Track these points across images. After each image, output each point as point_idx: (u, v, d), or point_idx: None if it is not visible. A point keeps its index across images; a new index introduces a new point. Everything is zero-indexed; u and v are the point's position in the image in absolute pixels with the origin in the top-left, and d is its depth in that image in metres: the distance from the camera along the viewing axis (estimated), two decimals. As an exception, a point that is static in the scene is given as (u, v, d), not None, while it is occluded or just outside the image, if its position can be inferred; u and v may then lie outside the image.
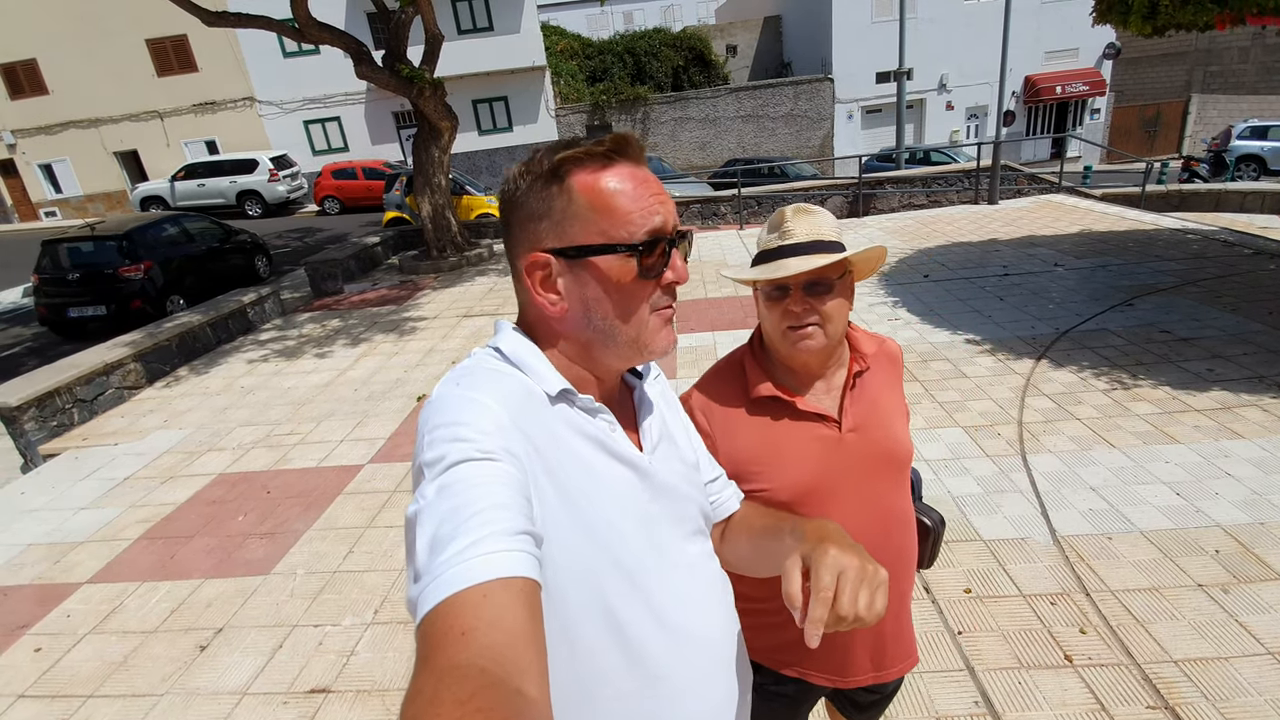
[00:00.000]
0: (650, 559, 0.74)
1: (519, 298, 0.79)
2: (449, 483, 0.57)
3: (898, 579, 1.18)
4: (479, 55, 18.92)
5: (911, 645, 1.26)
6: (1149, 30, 4.95)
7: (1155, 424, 3.60)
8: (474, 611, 0.50)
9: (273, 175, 17.97)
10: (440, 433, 0.62)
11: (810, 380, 1.15)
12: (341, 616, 2.76)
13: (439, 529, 0.55)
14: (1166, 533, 2.75)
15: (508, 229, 0.76)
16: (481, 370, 0.72)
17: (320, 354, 6.28)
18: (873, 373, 1.18)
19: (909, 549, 1.22)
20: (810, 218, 1.10)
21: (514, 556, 0.54)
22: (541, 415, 0.70)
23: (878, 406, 1.16)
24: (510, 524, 0.56)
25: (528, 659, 0.50)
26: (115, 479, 4.19)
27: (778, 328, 1.11)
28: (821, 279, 1.07)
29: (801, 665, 1.20)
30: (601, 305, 0.73)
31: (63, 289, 8.16)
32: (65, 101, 19.71)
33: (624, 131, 0.75)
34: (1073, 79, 20.31)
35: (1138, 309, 5.31)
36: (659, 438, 0.83)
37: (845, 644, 1.17)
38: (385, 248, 10.71)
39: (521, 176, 0.73)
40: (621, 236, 0.71)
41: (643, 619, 0.71)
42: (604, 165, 0.72)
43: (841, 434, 1.12)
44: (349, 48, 8.27)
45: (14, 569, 3.35)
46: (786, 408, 1.13)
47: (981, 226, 8.88)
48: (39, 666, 2.64)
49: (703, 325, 5.93)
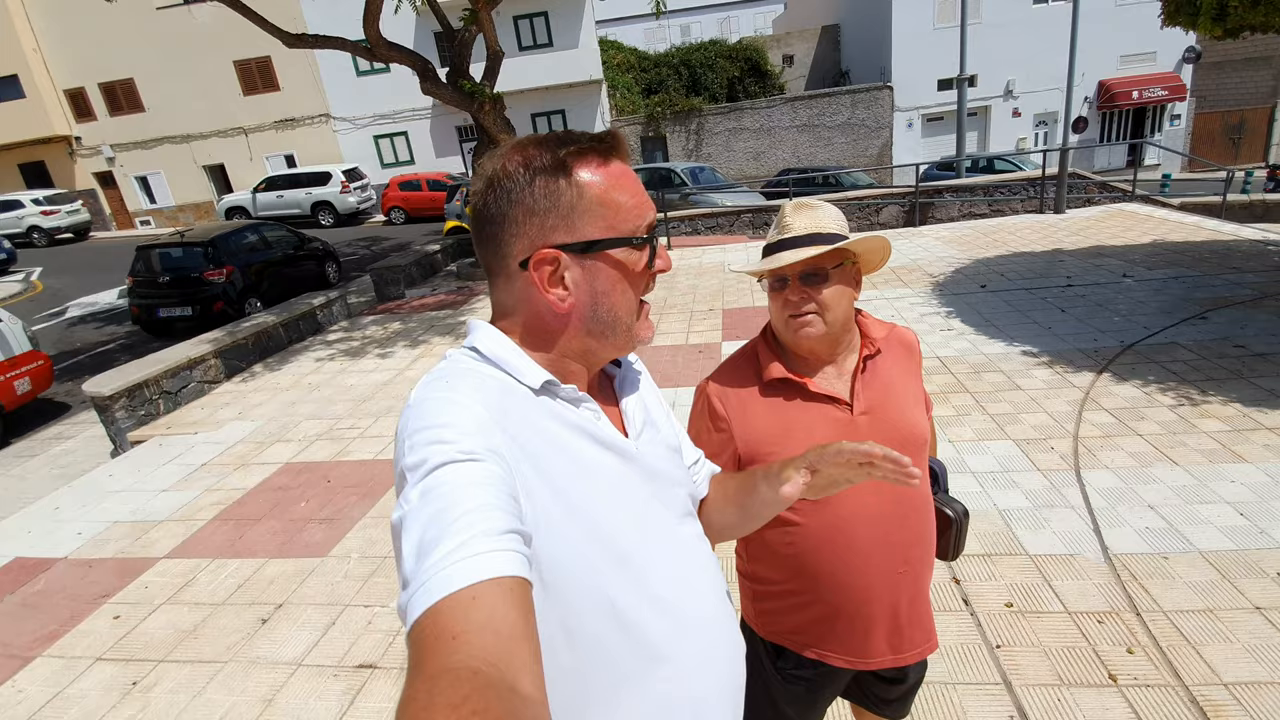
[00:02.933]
0: (643, 544, 0.74)
1: (504, 297, 0.77)
2: (432, 486, 0.57)
3: (914, 562, 1.20)
4: (538, 70, 19.46)
5: (930, 629, 1.26)
6: (1219, 32, 4.71)
7: (1223, 442, 3.41)
8: (464, 614, 0.49)
9: (344, 187, 18.93)
10: (421, 436, 0.61)
11: (819, 365, 1.20)
12: (390, 599, 2.91)
13: (425, 533, 0.54)
14: (1227, 554, 2.61)
15: (497, 225, 0.73)
16: (459, 371, 0.71)
17: (382, 354, 6.59)
18: (885, 358, 1.21)
19: (926, 534, 1.23)
20: (810, 212, 1.16)
21: (502, 556, 0.53)
22: (524, 410, 0.70)
23: (891, 391, 1.19)
24: (497, 524, 0.55)
25: (521, 658, 0.49)
26: (193, 465, 4.53)
27: (780, 316, 1.18)
28: (816, 269, 1.12)
29: (820, 647, 1.22)
30: (608, 298, 0.74)
31: (154, 291, 8.83)
32: (160, 118, 21.34)
33: (615, 129, 0.77)
34: (1150, 84, 19.26)
35: (1211, 322, 5.02)
36: (643, 423, 0.83)
37: (864, 625, 1.19)
38: (445, 255, 11.13)
39: (520, 171, 0.72)
40: (627, 230, 0.74)
41: (641, 604, 0.71)
42: (604, 161, 0.73)
43: (854, 416, 1.16)
44: (416, 65, 8.68)
45: (99, 544, 3.67)
46: (798, 389, 1.17)
47: (1046, 236, 8.55)
48: (116, 633, 2.89)
49: (749, 333, 5.93)
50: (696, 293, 7.51)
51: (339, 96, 20.66)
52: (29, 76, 20.76)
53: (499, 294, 0.77)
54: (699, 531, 0.86)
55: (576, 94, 20.17)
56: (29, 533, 3.88)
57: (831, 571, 1.17)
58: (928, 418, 1.31)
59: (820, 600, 1.19)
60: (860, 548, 1.15)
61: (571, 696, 0.68)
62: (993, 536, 2.89)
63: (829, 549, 1.16)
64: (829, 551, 1.16)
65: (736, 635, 0.86)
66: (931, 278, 7.15)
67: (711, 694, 0.78)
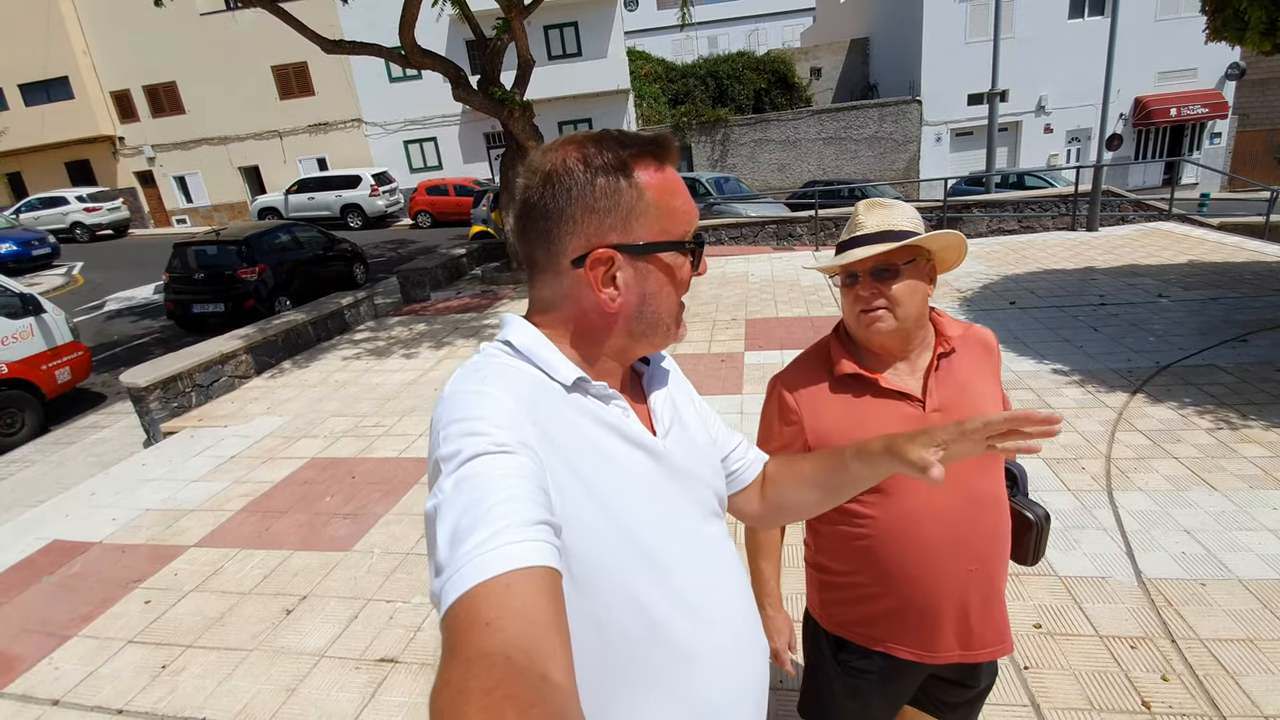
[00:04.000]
0: (669, 542, 0.74)
1: (548, 293, 0.77)
2: (466, 476, 0.58)
3: (987, 560, 1.18)
4: (567, 79, 19.68)
5: (1004, 630, 1.23)
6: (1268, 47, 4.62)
7: (1264, 468, 3.31)
8: (497, 601, 0.50)
9: (373, 190, 19.29)
10: (455, 428, 0.62)
11: (891, 361, 1.20)
12: (411, 595, 2.93)
13: (459, 522, 0.55)
14: (1268, 582, 2.52)
15: (552, 220, 0.72)
16: (493, 365, 0.72)
17: (407, 354, 6.68)
18: (960, 356, 1.21)
19: (1000, 534, 1.21)
20: (883, 211, 1.17)
21: (534, 546, 0.54)
22: (555, 405, 0.70)
23: (967, 390, 1.18)
24: (529, 514, 0.56)
25: (552, 646, 0.50)
26: (223, 457, 4.62)
27: (852, 311, 1.18)
28: (887, 265, 1.13)
29: (887, 640, 1.21)
30: (655, 299, 0.75)
31: (189, 287, 9.06)
32: (199, 120, 21.96)
33: (667, 134, 0.78)
34: (1190, 101, 18.88)
35: (1253, 345, 4.89)
36: (671, 421, 0.83)
37: (932, 620, 1.18)
38: (470, 259, 11.27)
39: (580, 168, 0.72)
40: (678, 234, 0.75)
41: (667, 601, 0.72)
42: (660, 165, 0.74)
43: (925, 413, 1.15)
44: (448, 72, 8.84)
45: (132, 530, 3.76)
46: (868, 385, 1.18)
47: (1078, 254, 8.40)
48: (147, 617, 2.95)
49: (772, 344, 5.91)
50: (720, 302, 7.50)
51: (371, 102, 21.09)
52: (78, 78, 21.52)
53: (543, 289, 0.77)
54: (725, 531, 0.87)
55: (604, 103, 20.35)
56: (66, 516, 3.99)
57: (900, 566, 1.16)
58: None
59: (888, 593, 1.19)
60: (929, 543, 1.15)
61: (598, 689, 0.68)
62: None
63: (898, 543, 1.16)
64: (898, 545, 1.16)
65: (760, 637, 0.86)
66: (960, 293, 7.07)
67: (735, 694, 0.78)
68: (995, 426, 0.75)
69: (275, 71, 21.05)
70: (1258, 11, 4.57)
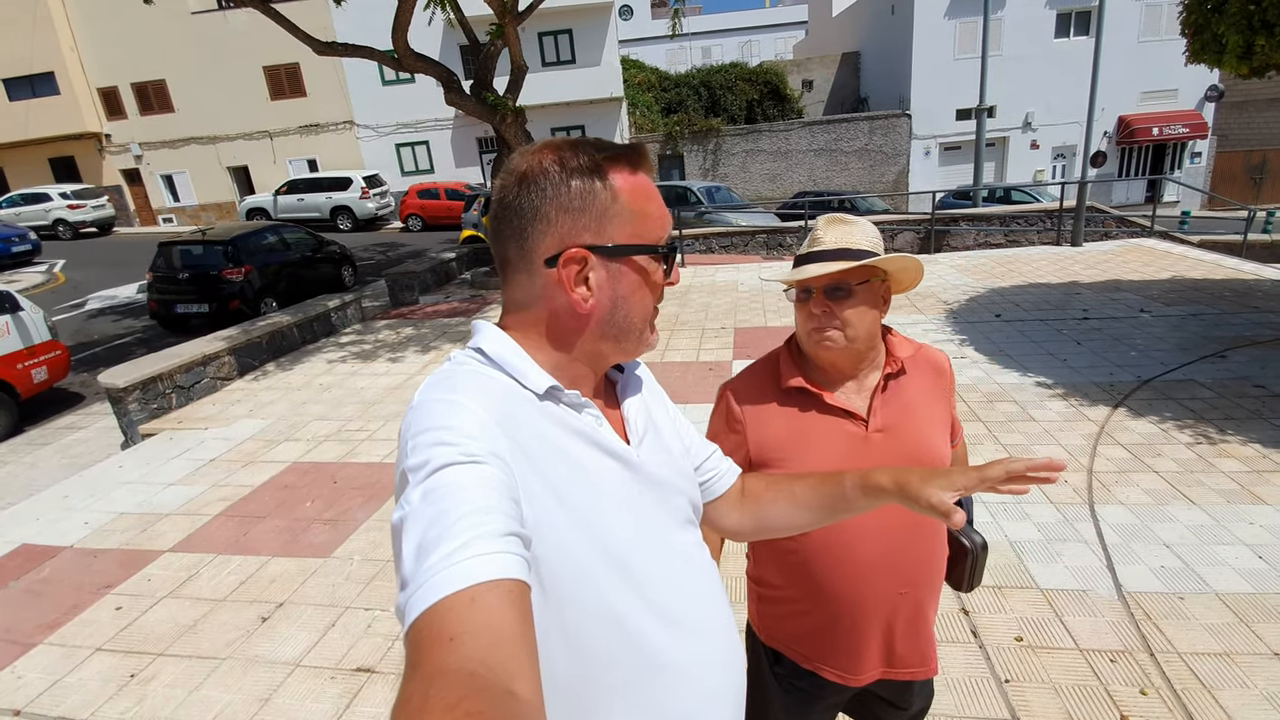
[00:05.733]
0: (643, 551, 0.73)
1: (520, 293, 0.76)
2: (434, 487, 0.57)
3: (918, 585, 1.18)
4: (560, 86, 19.72)
5: (928, 654, 1.24)
6: (1245, 70, 4.71)
7: (1242, 483, 3.35)
8: (462, 616, 0.49)
9: (364, 193, 19.17)
10: (424, 438, 0.61)
11: (841, 379, 1.20)
12: (390, 603, 2.89)
13: (425, 534, 0.54)
14: (1244, 597, 2.55)
15: (526, 219, 0.72)
16: (463, 373, 0.72)
17: (393, 358, 6.62)
18: (910, 378, 1.21)
19: (934, 560, 1.21)
20: (843, 228, 1.16)
21: (502, 559, 0.53)
22: (527, 414, 0.70)
23: (912, 411, 1.18)
24: (497, 526, 0.55)
25: (518, 661, 0.49)
26: (202, 460, 4.55)
27: (804, 327, 1.18)
28: (841, 284, 1.12)
29: (815, 660, 1.21)
30: (627, 303, 0.75)
31: (172, 287, 8.95)
32: (188, 119, 21.72)
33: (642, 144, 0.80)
34: (1171, 121, 19.25)
35: (1231, 361, 4.96)
36: (644, 429, 0.83)
37: (858, 639, 1.18)
38: (459, 263, 11.22)
39: (555, 168, 0.72)
40: (652, 239, 0.75)
41: (641, 611, 0.71)
42: (634, 170, 0.75)
43: (868, 433, 1.15)
44: (441, 76, 8.82)
45: (105, 534, 3.68)
46: (814, 400, 1.18)
47: (1062, 268, 8.51)
48: (117, 624, 2.89)
49: (760, 353, 5.88)
50: (709, 310, 7.51)
51: (363, 104, 21.01)
52: (65, 74, 21.24)
53: (516, 289, 0.77)
54: (699, 539, 0.86)
55: (597, 110, 20.40)
56: (37, 520, 3.90)
57: (831, 583, 1.16)
58: (955, 443, 1.29)
59: (817, 609, 1.19)
60: (860, 564, 1.15)
61: (571, 701, 0.67)
62: (1003, 568, 2.84)
63: (830, 560, 1.16)
64: (829, 563, 1.16)
65: (737, 645, 0.85)
66: (946, 305, 7.13)
67: (711, 703, 0.77)
68: (1014, 471, 0.76)
69: (267, 71, 20.91)
70: (1235, 36, 4.66)
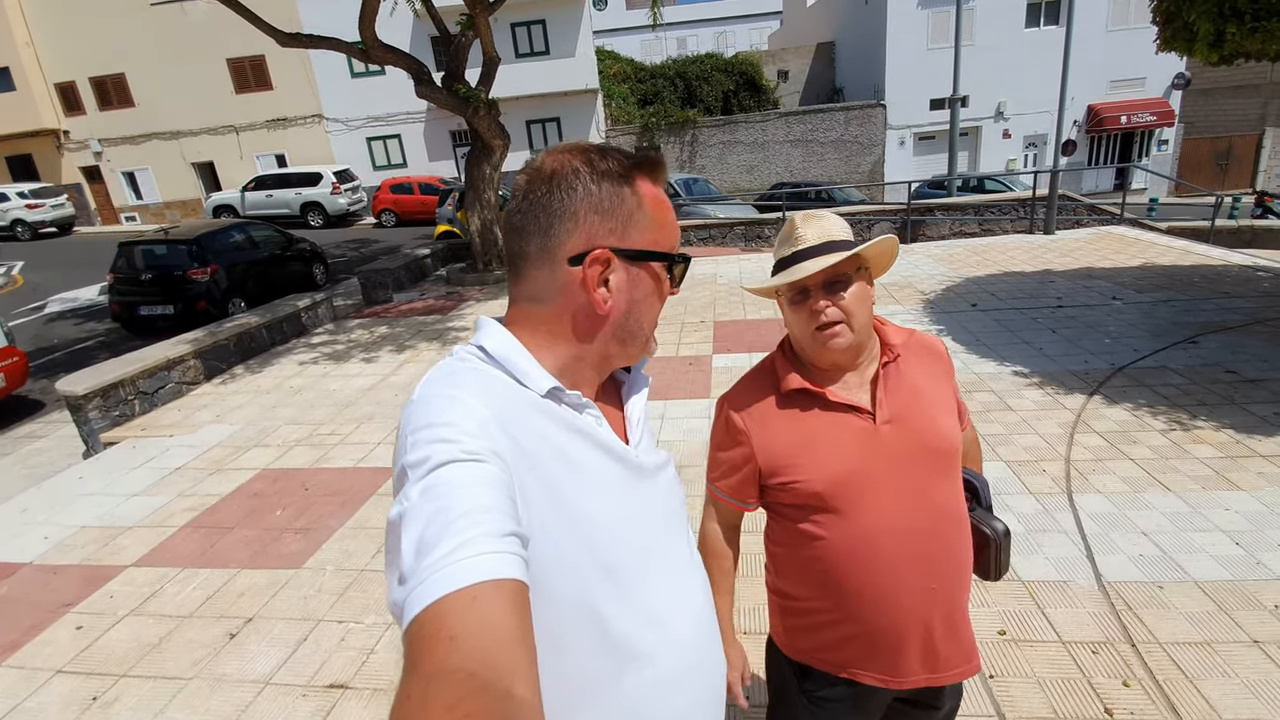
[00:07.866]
0: (636, 555, 0.74)
1: (537, 288, 0.75)
2: (433, 484, 0.57)
3: (948, 577, 1.14)
4: (534, 78, 19.46)
5: (970, 649, 1.19)
6: (1215, 59, 4.76)
7: (1216, 468, 3.39)
8: (462, 615, 0.49)
9: (335, 188, 18.79)
10: (423, 434, 0.61)
11: (839, 374, 1.17)
12: (365, 614, 2.81)
13: (425, 531, 0.54)
14: (1223, 584, 2.57)
15: (554, 215, 0.72)
16: (464, 370, 0.71)
17: (367, 359, 6.48)
18: (906, 363, 1.18)
19: (960, 547, 1.17)
20: (819, 222, 1.14)
21: (502, 558, 0.53)
22: (527, 414, 0.69)
23: (918, 397, 1.15)
24: (497, 525, 0.55)
25: (517, 661, 0.49)
26: (167, 469, 4.40)
27: (806, 330, 1.13)
28: (838, 276, 1.11)
29: (851, 666, 1.16)
30: (640, 308, 0.77)
31: (135, 288, 8.67)
32: (150, 114, 21.08)
33: (658, 153, 0.80)
34: (1139, 109, 19.60)
35: (1202, 347, 5.04)
36: (644, 431, 0.84)
37: (895, 643, 1.13)
38: (434, 260, 11.04)
39: (587, 170, 0.73)
40: (668, 247, 0.79)
41: (629, 615, 0.71)
42: (654, 181, 0.78)
43: (877, 425, 1.12)
44: (411, 69, 8.63)
45: (65, 549, 3.53)
46: (816, 399, 1.14)
47: (1036, 257, 8.60)
48: (78, 644, 2.76)
49: (740, 347, 5.89)
50: (688, 305, 7.46)
51: (333, 97, 20.54)
52: (19, 69, 20.50)
53: (532, 285, 0.75)
54: (691, 542, 0.87)
55: (572, 102, 20.19)
56: (-9, 536, 3.74)
57: (859, 587, 1.11)
58: (963, 425, 1.25)
59: (848, 617, 1.14)
60: (887, 562, 1.10)
61: (557, 702, 0.66)
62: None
63: (855, 563, 1.11)
64: (855, 566, 1.11)
65: (719, 650, 0.87)
66: (923, 295, 7.16)
67: (694, 709, 0.78)
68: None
69: (231, 64, 20.33)
70: (1206, 24, 4.71)
